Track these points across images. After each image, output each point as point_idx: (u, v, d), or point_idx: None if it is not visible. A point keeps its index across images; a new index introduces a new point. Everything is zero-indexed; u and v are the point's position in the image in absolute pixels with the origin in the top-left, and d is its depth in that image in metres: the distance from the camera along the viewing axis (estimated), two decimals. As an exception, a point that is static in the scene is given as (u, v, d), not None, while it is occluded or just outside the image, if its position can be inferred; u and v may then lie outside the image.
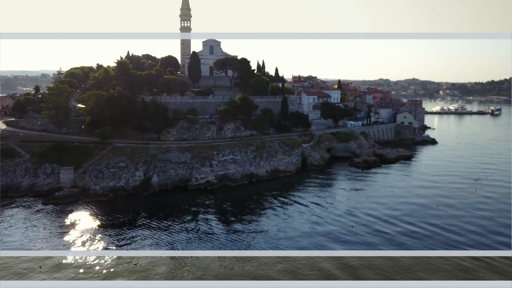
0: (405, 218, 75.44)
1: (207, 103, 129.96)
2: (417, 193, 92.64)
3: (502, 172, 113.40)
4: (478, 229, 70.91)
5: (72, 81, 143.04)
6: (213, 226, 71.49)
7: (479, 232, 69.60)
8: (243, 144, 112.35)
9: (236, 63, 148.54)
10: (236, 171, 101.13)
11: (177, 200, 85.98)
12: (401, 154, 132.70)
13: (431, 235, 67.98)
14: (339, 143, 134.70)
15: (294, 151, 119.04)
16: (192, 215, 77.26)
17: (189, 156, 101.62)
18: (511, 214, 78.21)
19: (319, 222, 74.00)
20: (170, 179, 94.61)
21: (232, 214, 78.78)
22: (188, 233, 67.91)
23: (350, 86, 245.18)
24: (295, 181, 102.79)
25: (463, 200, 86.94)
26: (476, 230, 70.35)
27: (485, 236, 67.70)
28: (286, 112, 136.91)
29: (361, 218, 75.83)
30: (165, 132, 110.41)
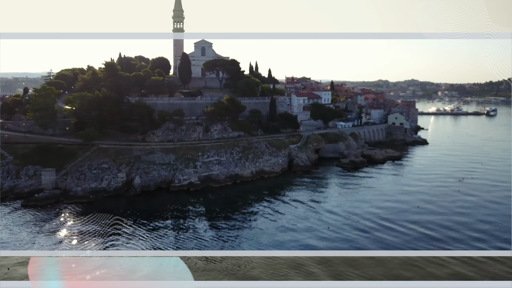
0: (383, 218, 75.24)
1: (195, 104, 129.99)
2: (400, 193, 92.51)
3: (488, 172, 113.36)
4: (455, 226, 71.17)
5: (61, 83, 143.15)
6: (191, 227, 71.33)
7: (456, 229, 69.89)
8: (229, 145, 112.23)
9: (225, 64, 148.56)
10: (220, 172, 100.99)
11: (158, 202, 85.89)
12: (389, 155, 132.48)
13: (407, 234, 67.99)
14: (328, 144, 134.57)
15: (281, 152, 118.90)
16: (172, 216, 77.24)
17: (173, 157, 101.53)
18: (492, 213, 78.43)
19: (298, 222, 73.89)
20: (153, 181, 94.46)
21: (212, 214, 78.62)
22: (165, 234, 67.75)
23: (343, 87, 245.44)
24: (279, 182, 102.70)
25: (445, 199, 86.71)
26: (453, 227, 70.59)
27: (460, 232, 67.97)
28: (274, 113, 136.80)
29: (342, 217, 75.67)
30: (150, 134, 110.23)
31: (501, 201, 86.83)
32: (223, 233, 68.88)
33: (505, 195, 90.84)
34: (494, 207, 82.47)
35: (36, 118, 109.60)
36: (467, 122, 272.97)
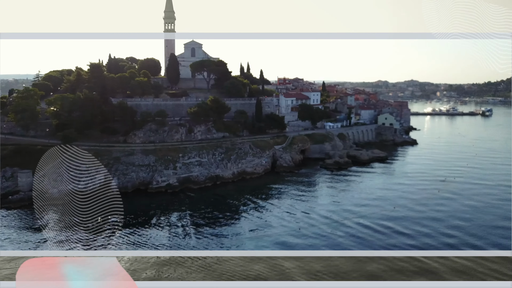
0: (357, 219, 74.52)
1: (180, 105, 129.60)
2: (379, 194, 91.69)
3: (472, 172, 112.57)
4: (427, 229, 70.23)
5: (47, 84, 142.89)
6: (159, 228, 70.81)
7: (427, 232, 69.00)
8: (212, 146, 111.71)
9: (212, 65, 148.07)
10: (200, 173, 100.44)
11: (134, 203, 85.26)
12: (375, 155, 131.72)
13: (378, 235, 67.35)
14: (314, 144, 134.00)
15: (265, 153, 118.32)
16: (143, 218, 76.52)
17: (153, 158, 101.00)
18: (469, 214, 77.76)
19: (271, 222, 73.54)
20: (130, 182, 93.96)
21: (184, 216, 78.12)
22: (130, 235, 67.21)
23: (336, 88, 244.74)
24: (260, 183, 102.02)
25: (423, 200, 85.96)
26: (424, 230, 69.71)
27: (433, 237, 67.13)
28: (260, 114, 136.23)
29: (315, 218, 75.02)
30: (131, 135, 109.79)
31: (480, 199, 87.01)
32: (193, 234, 68.34)
33: (482, 194, 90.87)
34: (470, 207, 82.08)
35: (17, 120, 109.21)
36: (461, 123, 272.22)
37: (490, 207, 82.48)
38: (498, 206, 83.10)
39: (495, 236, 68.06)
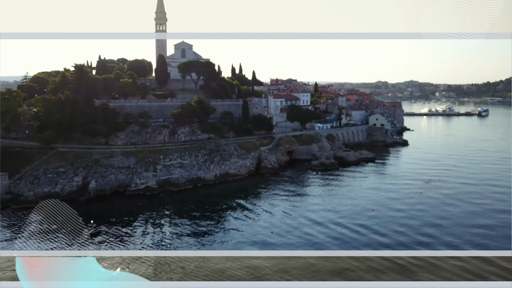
0: (334, 221, 73.18)
1: (165, 106, 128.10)
2: (361, 195, 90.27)
3: (458, 172, 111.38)
4: (404, 229, 69.26)
5: (33, 86, 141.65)
6: (127, 230, 69.48)
7: (404, 232, 68.07)
8: (195, 147, 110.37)
9: (199, 66, 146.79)
10: (180, 175, 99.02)
11: (108, 206, 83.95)
12: (363, 157, 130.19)
13: (356, 236, 66.33)
14: (301, 145, 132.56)
15: (251, 154, 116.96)
16: (119, 220, 75.14)
17: (133, 160, 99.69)
18: (448, 214, 76.49)
19: (252, 224, 72.59)
20: (109, 185, 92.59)
21: (157, 218, 76.66)
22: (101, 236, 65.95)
23: (329, 89, 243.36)
24: (242, 185, 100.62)
25: (404, 202, 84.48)
26: (401, 231, 68.77)
27: (408, 236, 66.24)
28: (247, 115, 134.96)
29: (293, 220, 73.75)
30: (113, 137, 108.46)
31: (461, 199, 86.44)
32: (157, 235, 67.05)
33: (464, 194, 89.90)
34: (450, 207, 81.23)
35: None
36: (457, 123, 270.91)
37: (470, 207, 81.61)
38: (478, 205, 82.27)
39: (470, 235, 67.46)
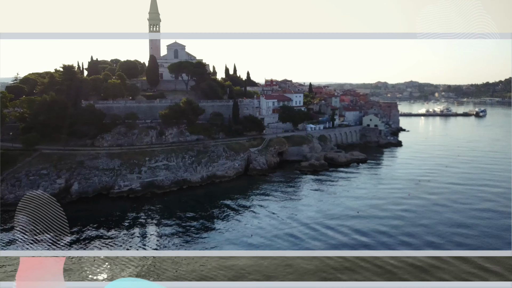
0: (317, 222, 71.88)
1: (153, 107, 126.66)
2: (348, 197, 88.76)
3: (449, 173, 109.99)
4: (388, 229, 68.36)
5: (22, 87, 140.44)
6: (106, 232, 68.13)
7: (387, 232, 67.37)
8: (183, 149, 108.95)
9: (190, 67, 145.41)
10: (165, 177, 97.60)
11: (92, 208, 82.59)
12: (354, 158, 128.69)
13: (339, 237, 65.35)
14: (292, 146, 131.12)
15: (240, 156, 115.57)
16: (100, 223, 73.75)
17: (118, 162, 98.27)
18: (433, 216, 75.22)
19: (233, 226, 71.30)
20: (92, 187, 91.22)
21: (137, 220, 75.28)
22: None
23: (325, 89, 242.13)
24: (228, 187, 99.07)
25: (391, 204, 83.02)
26: (385, 231, 68.15)
27: (392, 236, 65.55)
28: (237, 116, 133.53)
29: (277, 222, 72.32)
30: (99, 138, 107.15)
31: (448, 201, 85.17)
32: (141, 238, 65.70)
33: (451, 196, 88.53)
34: (435, 209, 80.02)
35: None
36: (454, 123, 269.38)
37: (455, 207, 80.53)
38: (462, 207, 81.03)
39: (453, 235, 66.77)
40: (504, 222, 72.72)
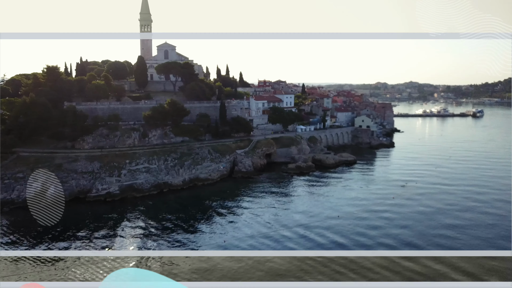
0: (294, 227, 69.47)
1: (138, 109, 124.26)
2: (329, 200, 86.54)
3: (437, 175, 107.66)
4: (362, 237, 65.89)
5: (6, 89, 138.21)
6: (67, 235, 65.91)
7: (364, 233, 65.59)
8: (166, 151, 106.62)
9: (177, 67, 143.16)
10: (145, 180, 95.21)
11: (66, 212, 80.00)
12: (343, 159, 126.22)
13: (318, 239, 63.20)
14: (280, 148, 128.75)
15: (225, 158, 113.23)
16: (69, 227, 71.59)
17: (97, 165, 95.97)
18: (413, 220, 72.92)
19: (207, 230, 68.67)
20: (68, 190, 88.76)
21: (109, 225, 72.97)
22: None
23: (320, 90, 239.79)
24: (210, 190, 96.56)
25: (373, 207, 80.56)
26: (362, 232, 66.64)
27: (370, 239, 63.61)
28: (224, 117, 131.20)
29: (260, 226, 69.97)
30: (79, 140, 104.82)
31: (431, 204, 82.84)
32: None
33: (436, 199, 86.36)
34: (417, 213, 77.69)
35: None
36: (451, 124, 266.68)
37: (438, 212, 78.27)
38: (446, 210, 78.94)
39: (434, 237, 65.34)
40: (486, 223, 71.35)
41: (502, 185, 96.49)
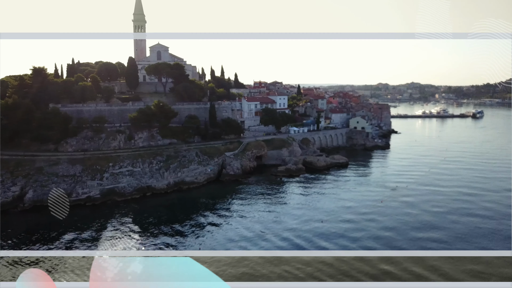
0: (276, 233, 66.91)
1: (126, 110, 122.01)
2: (314, 205, 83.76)
3: (429, 177, 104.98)
4: (346, 241, 62.90)
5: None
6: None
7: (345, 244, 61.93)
8: (151, 154, 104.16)
9: (167, 68, 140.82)
10: (128, 184, 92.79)
11: (44, 217, 77.82)
12: (334, 162, 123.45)
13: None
14: (272, 150, 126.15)
15: (214, 161, 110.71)
16: (44, 233, 69.23)
17: (79, 168, 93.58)
18: (396, 225, 70.19)
19: (182, 237, 65.94)
20: (47, 194, 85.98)
21: (83, 230, 70.58)
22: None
23: (317, 91, 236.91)
24: (195, 194, 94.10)
25: (359, 212, 77.84)
26: (343, 233, 63.72)
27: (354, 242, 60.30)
28: (214, 119, 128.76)
29: (235, 231, 67.34)
30: (63, 143, 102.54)
31: (418, 208, 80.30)
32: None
33: (424, 203, 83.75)
34: (402, 217, 75.09)
35: None
36: (450, 125, 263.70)
37: (424, 216, 75.83)
38: (432, 214, 76.33)
39: (419, 241, 63.39)
40: (473, 225, 69.06)
41: (494, 186, 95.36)
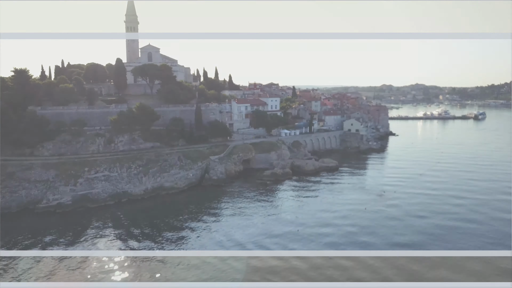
0: (252, 241, 63.02)
1: (108, 113, 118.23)
2: (294, 211, 79.77)
3: (421, 182, 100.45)
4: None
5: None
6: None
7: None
8: (130, 158, 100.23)
9: (153, 70, 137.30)
10: (103, 190, 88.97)
11: (8, 225, 74.23)
12: (323, 165, 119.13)
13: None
14: (260, 153, 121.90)
15: (197, 165, 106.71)
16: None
17: (53, 173, 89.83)
18: (375, 231, 65.60)
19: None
20: (16, 201, 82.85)
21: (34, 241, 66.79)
22: None
23: (313, 93, 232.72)
24: (172, 200, 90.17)
25: (340, 219, 73.61)
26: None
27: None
28: (200, 121, 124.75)
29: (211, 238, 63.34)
30: (39, 147, 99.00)
31: (404, 214, 77.05)
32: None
33: (411, 207, 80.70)
34: (385, 223, 72.03)
35: None
36: (451, 127, 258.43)
37: (410, 221, 72.95)
38: (420, 218, 73.44)
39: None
40: (459, 231, 66.44)
41: (486, 189, 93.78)
